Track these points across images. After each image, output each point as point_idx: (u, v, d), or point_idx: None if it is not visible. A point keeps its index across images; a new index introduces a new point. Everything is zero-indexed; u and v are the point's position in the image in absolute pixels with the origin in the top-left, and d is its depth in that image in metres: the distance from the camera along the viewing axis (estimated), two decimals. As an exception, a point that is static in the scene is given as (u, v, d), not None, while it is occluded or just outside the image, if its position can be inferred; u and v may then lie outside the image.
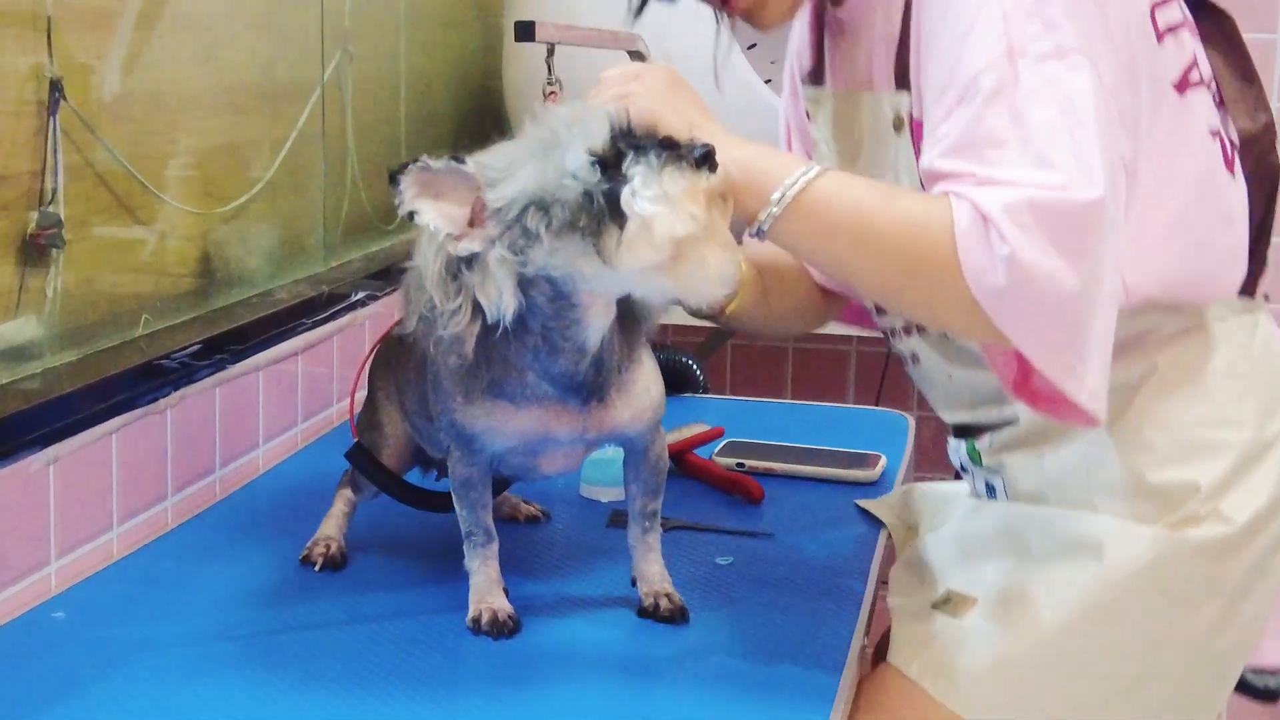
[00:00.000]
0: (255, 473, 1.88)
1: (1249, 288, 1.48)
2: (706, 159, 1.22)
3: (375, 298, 2.16)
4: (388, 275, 2.17)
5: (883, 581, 1.60)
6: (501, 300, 1.25)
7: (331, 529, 1.58)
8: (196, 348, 1.72)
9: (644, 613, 1.43)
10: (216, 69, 1.89)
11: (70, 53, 1.56)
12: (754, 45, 2.63)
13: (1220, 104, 1.48)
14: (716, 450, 1.92)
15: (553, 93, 1.66)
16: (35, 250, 1.53)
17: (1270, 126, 1.51)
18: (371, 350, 1.63)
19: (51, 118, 1.53)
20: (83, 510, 1.55)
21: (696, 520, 1.72)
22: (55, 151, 1.54)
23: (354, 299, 2.11)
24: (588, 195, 1.21)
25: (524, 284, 1.26)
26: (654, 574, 1.45)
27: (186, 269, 1.84)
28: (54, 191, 1.54)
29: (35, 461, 1.46)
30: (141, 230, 1.74)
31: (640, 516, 1.45)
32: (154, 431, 1.66)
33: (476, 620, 1.38)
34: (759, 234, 1.31)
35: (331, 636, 1.39)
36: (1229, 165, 1.45)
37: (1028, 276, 1.21)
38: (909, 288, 1.30)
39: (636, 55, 2.03)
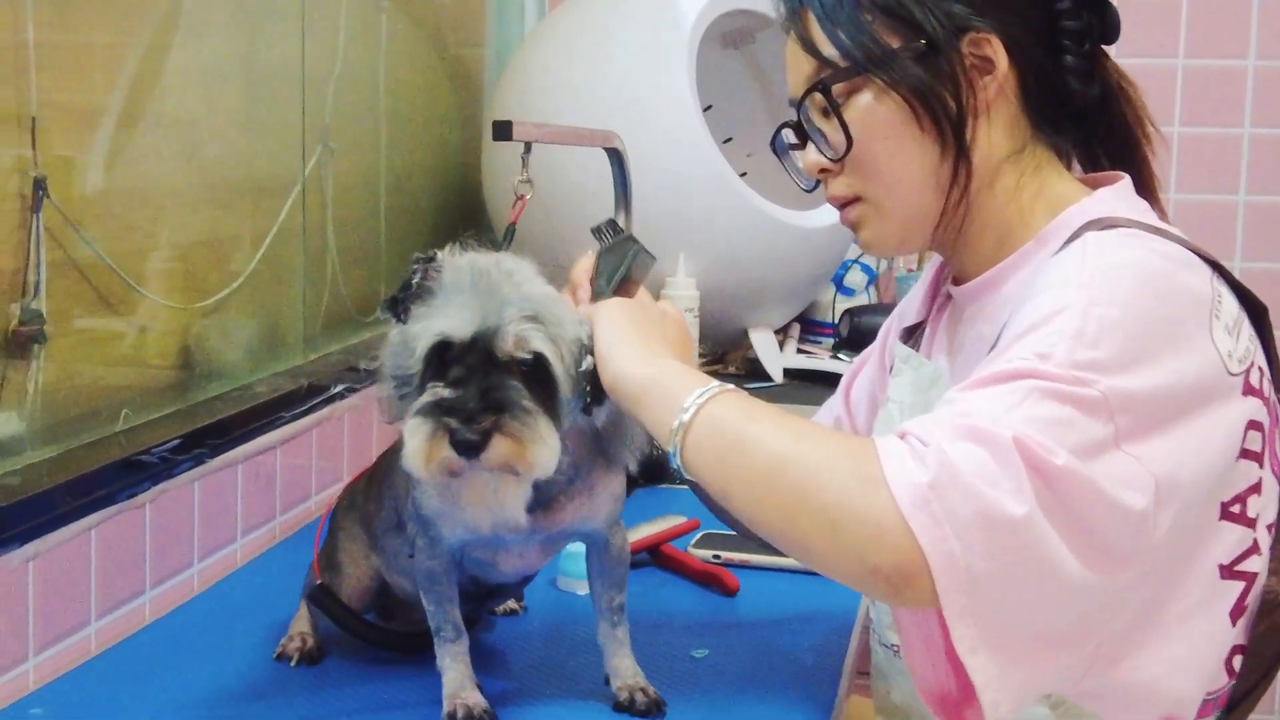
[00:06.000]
0: (233, 566, 1.88)
1: None
2: (469, 448, 1.22)
3: (354, 390, 2.17)
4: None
5: (859, 674, 1.60)
6: None
7: (305, 624, 1.58)
8: (176, 442, 1.73)
9: (620, 708, 1.44)
10: (199, 165, 1.92)
11: (54, 151, 1.59)
12: (729, 139, 2.67)
13: (1267, 552, 1.31)
14: (692, 542, 1.93)
15: (522, 196, 1.67)
16: (17, 346, 1.54)
17: None
18: (340, 497, 1.64)
19: (35, 215, 1.55)
20: (61, 606, 1.55)
21: (670, 614, 1.72)
22: (38, 248, 1.56)
23: (333, 391, 2.12)
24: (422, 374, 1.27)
25: None
26: (626, 669, 1.45)
27: (167, 363, 1.86)
28: (36, 287, 1.56)
29: (14, 559, 1.47)
30: (123, 325, 1.75)
31: (607, 611, 1.46)
32: (133, 526, 1.67)
33: (451, 716, 1.38)
34: (681, 479, 1.25)
35: (307, 733, 1.39)
36: (1234, 614, 1.29)
37: (954, 470, 1.09)
38: (823, 492, 1.14)
39: (613, 152, 2.06)
